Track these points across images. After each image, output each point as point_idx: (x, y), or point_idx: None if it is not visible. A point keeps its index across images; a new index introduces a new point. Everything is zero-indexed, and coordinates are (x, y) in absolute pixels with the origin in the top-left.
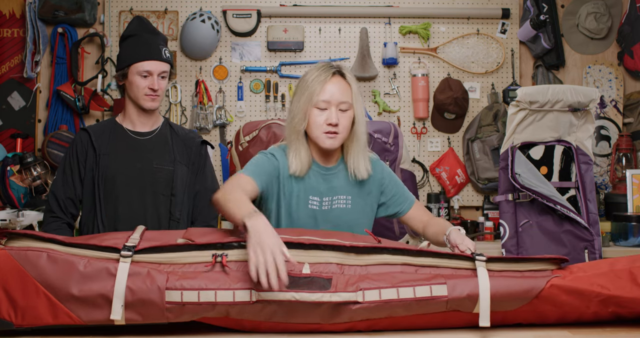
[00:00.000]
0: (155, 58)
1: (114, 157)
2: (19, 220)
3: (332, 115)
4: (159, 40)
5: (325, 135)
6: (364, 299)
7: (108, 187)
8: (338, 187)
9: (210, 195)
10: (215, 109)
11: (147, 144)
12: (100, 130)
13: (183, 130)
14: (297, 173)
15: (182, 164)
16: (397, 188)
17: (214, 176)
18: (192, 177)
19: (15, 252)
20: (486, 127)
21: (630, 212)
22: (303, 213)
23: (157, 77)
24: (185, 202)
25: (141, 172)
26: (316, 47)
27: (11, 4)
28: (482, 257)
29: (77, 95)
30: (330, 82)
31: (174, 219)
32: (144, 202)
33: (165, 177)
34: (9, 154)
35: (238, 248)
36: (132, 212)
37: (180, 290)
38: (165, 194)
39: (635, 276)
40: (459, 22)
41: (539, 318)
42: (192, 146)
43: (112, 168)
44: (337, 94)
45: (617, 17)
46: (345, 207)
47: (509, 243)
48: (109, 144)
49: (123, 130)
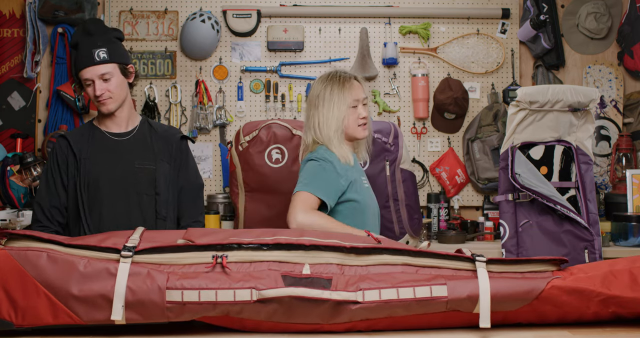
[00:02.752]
0: (89, 64)
1: (95, 160)
2: (19, 220)
3: (363, 110)
4: (93, 42)
5: (360, 127)
6: (364, 299)
7: (91, 191)
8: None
9: (194, 190)
10: (215, 109)
11: (127, 145)
12: (78, 135)
13: (162, 127)
14: (347, 161)
15: (164, 161)
16: None
17: (197, 171)
18: (174, 174)
19: (15, 252)
20: (486, 127)
21: (630, 212)
22: (367, 194)
23: (99, 81)
24: (170, 200)
25: (123, 173)
26: (316, 47)
27: (11, 4)
28: (482, 258)
29: (77, 95)
30: (355, 85)
31: (161, 217)
32: (128, 203)
33: (148, 177)
34: (9, 154)
35: (238, 250)
36: (116, 215)
37: (180, 290)
38: (149, 194)
39: (635, 276)
40: (459, 22)
41: (539, 319)
42: (172, 142)
43: (94, 172)
44: (362, 93)
45: (617, 17)
46: (368, 186)
47: (509, 243)
48: (88, 148)
49: (101, 133)
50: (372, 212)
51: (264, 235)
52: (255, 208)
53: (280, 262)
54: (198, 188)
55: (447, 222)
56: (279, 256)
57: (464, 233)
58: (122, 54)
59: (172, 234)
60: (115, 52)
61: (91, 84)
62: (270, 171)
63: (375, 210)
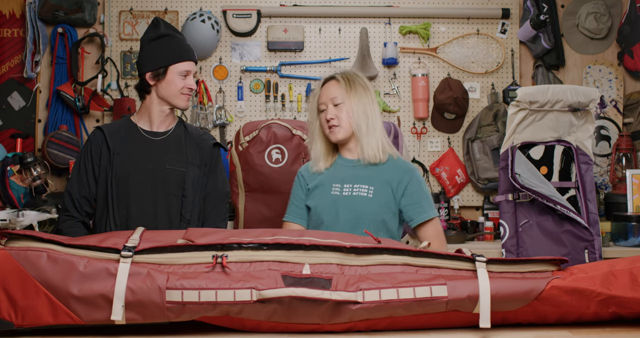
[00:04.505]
0: (193, 59)
1: (127, 156)
2: (19, 220)
3: (330, 112)
4: (185, 40)
5: (329, 130)
6: (364, 299)
7: (121, 186)
8: (360, 176)
9: (220, 197)
10: (215, 109)
11: (161, 145)
12: (114, 129)
13: (197, 131)
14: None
15: (194, 165)
16: (417, 199)
17: (225, 178)
18: (203, 179)
19: (16, 252)
20: (486, 127)
21: (630, 212)
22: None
23: (191, 77)
24: (196, 204)
25: (153, 172)
26: (316, 47)
27: (11, 4)
28: (482, 258)
29: (77, 95)
30: (323, 88)
31: (184, 220)
32: (155, 202)
33: (177, 178)
34: (9, 154)
35: (238, 250)
36: (143, 212)
37: (180, 290)
38: (176, 195)
39: (636, 276)
40: (459, 22)
41: (539, 319)
42: (204, 148)
43: (125, 168)
44: (327, 93)
45: (617, 17)
46: (367, 196)
47: (509, 243)
48: (123, 143)
49: (137, 130)
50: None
51: (264, 235)
52: (255, 208)
53: (280, 262)
54: (224, 196)
55: (447, 222)
56: (279, 256)
57: (464, 233)
58: None
59: (172, 234)
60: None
61: (186, 76)
62: (270, 171)
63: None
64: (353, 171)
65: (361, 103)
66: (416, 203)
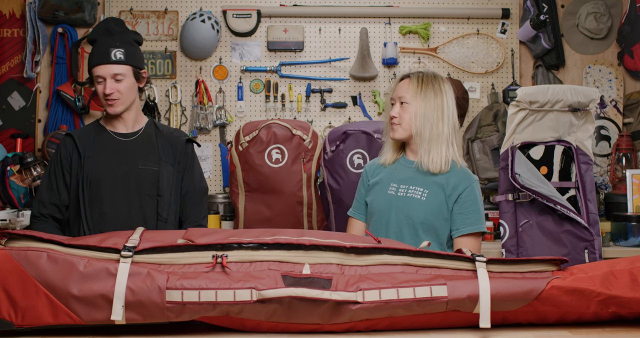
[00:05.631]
0: (104, 62)
1: (99, 159)
2: (19, 220)
3: (395, 109)
4: (112, 41)
5: (390, 126)
6: (364, 299)
7: (93, 189)
8: (416, 178)
9: (198, 194)
10: (215, 109)
11: (132, 145)
12: (84, 133)
13: (168, 129)
14: (382, 161)
15: (168, 163)
16: (466, 209)
17: (202, 175)
18: (178, 176)
19: (15, 252)
20: (486, 127)
21: (630, 212)
22: (383, 199)
23: (111, 80)
24: (173, 202)
25: (126, 173)
26: (316, 47)
27: (11, 4)
28: (482, 258)
29: (77, 95)
30: (399, 84)
31: (162, 219)
32: (129, 203)
33: (151, 178)
34: (9, 154)
35: (238, 250)
36: (117, 214)
37: (180, 290)
38: (151, 195)
39: (636, 276)
40: (459, 22)
41: (539, 319)
42: (177, 145)
43: (97, 170)
44: (399, 90)
45: (617, 17)
46: (420, 198)
47: (509, 243)
48: (93, 147)
49: (107, 133)
50: (381, 219)
51: (264, 235)
52: (255, 208)
53: (280, 262)
54: (202, 192)
55: None
56: (279, 256)
57: None
58: (138, 58)
59: (172, 234)
60: (132, 54)
61: (102, 82)
62: (270, 171)
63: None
64: (411, 173)
65: (427, 107)
66: (465, 213)
